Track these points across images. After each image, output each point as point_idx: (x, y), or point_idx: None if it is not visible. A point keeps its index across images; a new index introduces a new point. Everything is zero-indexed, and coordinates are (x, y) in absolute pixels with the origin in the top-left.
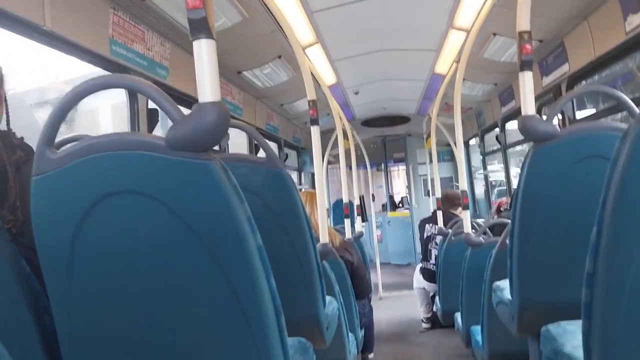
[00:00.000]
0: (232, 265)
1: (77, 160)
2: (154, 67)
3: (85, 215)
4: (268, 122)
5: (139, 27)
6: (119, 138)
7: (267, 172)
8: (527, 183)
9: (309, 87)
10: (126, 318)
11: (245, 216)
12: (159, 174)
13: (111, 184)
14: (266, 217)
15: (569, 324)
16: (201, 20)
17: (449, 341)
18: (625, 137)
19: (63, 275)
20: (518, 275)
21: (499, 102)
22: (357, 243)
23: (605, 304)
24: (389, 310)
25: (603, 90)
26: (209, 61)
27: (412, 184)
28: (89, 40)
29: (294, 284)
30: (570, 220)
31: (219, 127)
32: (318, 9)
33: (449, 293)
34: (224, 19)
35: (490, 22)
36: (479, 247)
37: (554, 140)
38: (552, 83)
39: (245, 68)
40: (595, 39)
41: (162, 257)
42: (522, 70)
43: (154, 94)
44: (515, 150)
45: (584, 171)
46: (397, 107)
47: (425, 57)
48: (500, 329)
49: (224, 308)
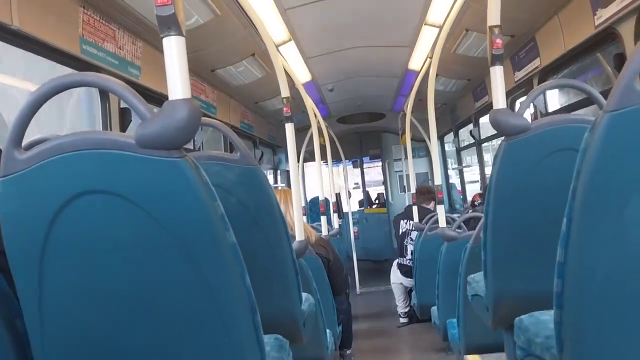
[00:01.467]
0: (205, 263)
1: (46, 160)
2: (126, 66)
3: (55, 216)
4: (243, 121)
5: (109, 25)
6: (88, 137)
7: (240, 170)
8: (499, 176)
9: (282, 84)
10: (99, 320)
11: (218, 214)
12: (129, 173)
13: (81, 184)
14: (240, 215)
15: (542, 314)
16: (170, 16)
17: (426, 335)
18: (592, 129)
19: (34, 278)
20: (492, 267)
21: (472, 97)
22: (334, 240)
23: (575, 293)
24: (367, 306)
25: (572, 83)
26: (178, 58)
27: (388, 180)
28: (59, 40)
29: (269, 281)
30: (541, 212)
31: (190, 124)
32: (291, 6)
33: (426, 287)
34: (196, 16)
35: (462, 18)
36: (454, 241)
37: (525, 133)
38: (524, 77)
39: (218, 66)
40: (565, 33)
41: (134, 257)
42: (493, 65)
43: (121, 91)
44: (493, 145)
45: (555, 163)
46: (372, 104)
47: (399, 54)
48: (475, 322)
49: (198, 306)
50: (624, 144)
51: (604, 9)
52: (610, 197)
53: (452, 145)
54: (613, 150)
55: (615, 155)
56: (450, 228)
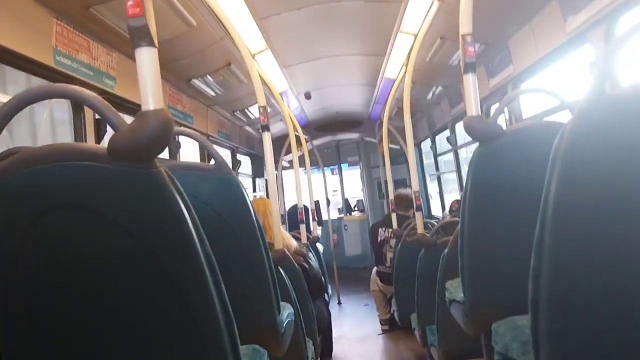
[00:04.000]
0: (180, 275)
1: (16, 172)
2: (101, 76)
3: (26, 231)
4: (220, 130)
5: (83, 36)
6: (59, 148)
7: (216, 179)
8: (474, 182)
9: (258, 93)
10: (73, 334)
11: (192, 225)
12: (102, 185)
13: (53, 197)
14: (217, 225)
15: (518, 319)
16: (142, 27)
17: (406, 342)
18: (562, 135)
19: (4, 293)
20: (468, 273)
21: (448, 104)
22: (313, 247)
23: (549, 297)
24: (347, 314)
25: (544, 90)
26: (151, 69)
27: (366, 187)
28: (32, 51)
29: (247, 290)
30: (516, 217)
31: (163, 134)
32: (266, 15)
33: (405, 294)
34: (171, 27)
35: (436, 26)
36: (432, 247)
37: (498, 139)
38: (498, 84)
39: (194, 76)
40: (537, 40)
41: (109, 271)
42: (466, 73)
43: (93, 102)
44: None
45: (528, 169)
46: (350, 112)
47: (375, 62)
48: (454, 328)
49: (173, 319)
50: (590, 149)
51: (574, 15)
52: (580, 201)
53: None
54: (580, 156)
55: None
56: (429, 234)
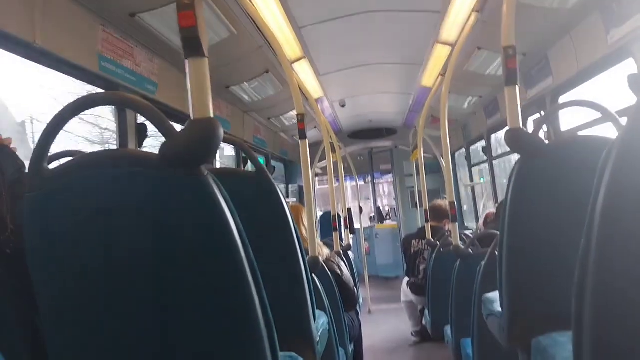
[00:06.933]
0: (224, 279)
1: (71, 177)
2: (143, 82)
3: (79, 233)
4: (255, 136)
5: (127, 42)
6: (113, 154)
7: (256, 185)
8: (515, 195)
9: (297, 101)
10: (120, 334)
11: (237, 230)
12: (153, 191)
13: (105, 201)
14: (256, 231)
15: (560, 336)
16: (195, 39)
17: (438, 354)
18: (611, 149)
19: (56, 292)
20: (507, 286)
21: (484, 115)
22: (345, 256)
23: (594, 314)
24: (378, 324)
25: (588, 104)
26: (201, 78)
27: (399, 196)
28: (78, 57)
29: (284, 297)
30: (558, 231)
31: (212, 142)
32: (305, 24)
33: (439, 306)
34: (213, 34)
35: (474, 37)
36: (468, 259)
37: (540, 152)
38: (536, 95)
39: (233, 83)
40: (578, 52)
41: (155, 274)
42: (507, 85)
43: (148, 111)
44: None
45: (572, 183)
46: (384, 120)
47: (411, 71)
48: (490, 342)
49: (215, 323)
50: None
51: (617, 28)
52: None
53: (464, 161)
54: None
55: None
56: (465, 246)
